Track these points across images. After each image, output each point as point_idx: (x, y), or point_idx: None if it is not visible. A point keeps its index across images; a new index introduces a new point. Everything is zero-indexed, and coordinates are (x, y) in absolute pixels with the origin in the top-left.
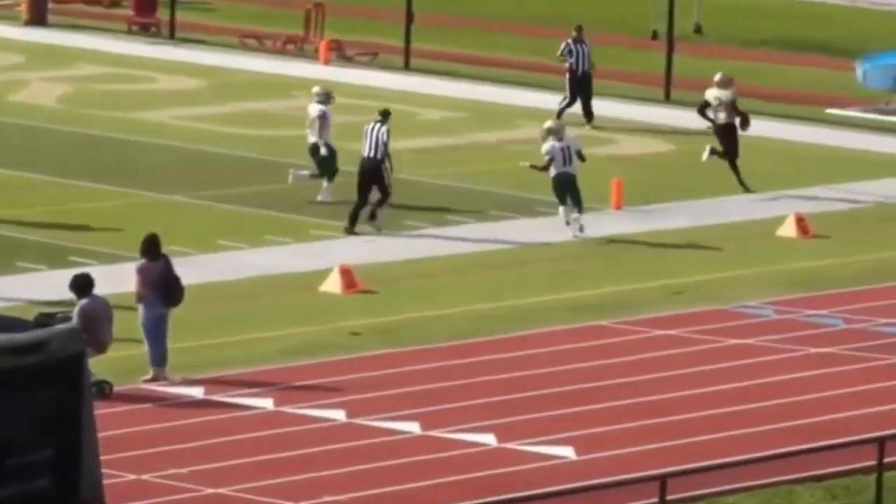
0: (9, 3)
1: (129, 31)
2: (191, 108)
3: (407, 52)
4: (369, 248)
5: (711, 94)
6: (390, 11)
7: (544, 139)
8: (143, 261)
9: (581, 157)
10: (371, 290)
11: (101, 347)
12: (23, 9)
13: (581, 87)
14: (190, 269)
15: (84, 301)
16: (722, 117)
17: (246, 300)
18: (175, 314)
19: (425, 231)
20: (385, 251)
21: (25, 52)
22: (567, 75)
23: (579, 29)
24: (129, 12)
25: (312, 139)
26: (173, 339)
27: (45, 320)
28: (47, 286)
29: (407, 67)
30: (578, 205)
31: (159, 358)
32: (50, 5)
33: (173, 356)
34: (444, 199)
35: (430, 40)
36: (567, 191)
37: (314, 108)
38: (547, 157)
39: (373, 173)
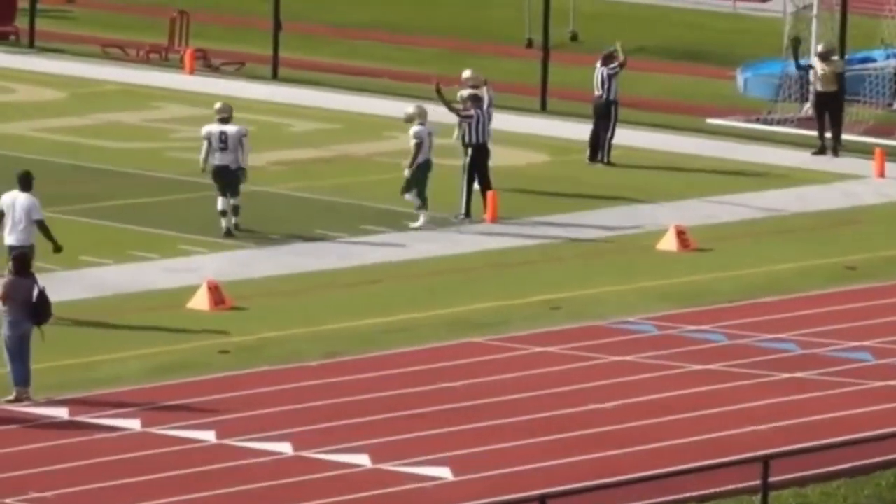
0: None
1: None
2: (52, 120)
3: (275, 62)
4: (238, 264)
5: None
6: (257, 20)
7: (409, 123)
8: (12, 277)
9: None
10: (240, 307)
11: None
12: None
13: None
14: (52, 287)
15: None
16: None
17: (111, 318)
18: (37, 333)
19: (295, 246)
20: (254, 266)
21: None
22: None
23: None
24: None
25: (224, 161)
26: (36, 359)
27: None
28: None
29: (275, 77)
30: (424, 198)
31: (22, 378)
32: None
33: (37, 376)
34: (315, 213)
35: (299, 50)
36: (424, 180)
37: (233, 128)
38: (416, 142)
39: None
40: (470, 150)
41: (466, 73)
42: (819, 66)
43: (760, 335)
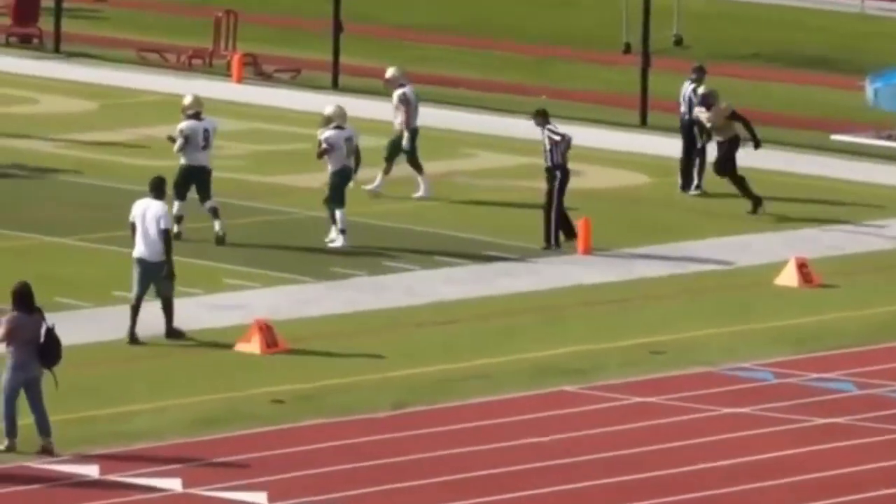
0: None
1: (7, 44)
2: (79, 134)
3: (335, 69)
4: (293, 300)
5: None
6: (315, 21)
7: (325, 125)
8: (15, 314)
9: (357, 157)
10: (296, 350)
11: None
12: None
13: None
14: (82, 325)
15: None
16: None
17: (149, 361)
18: (66, 377)
19: (358, 280)
20: (311, 304)
21: None
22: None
23: None
24: (6, 21)
25: (203, 160)
26: (63, 409)
27: None
28: None
29: (335, 86)
30: (334, 211)
31: (42, 428)
32: None
33: (62, 428)
34: (380, 241)
35: (362, 55)
36: (341, 189)
37: (212, 124)
38: (325, 146)
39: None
40: (558, 174)
41: (392, 72)
42: None
43: (895, 384)
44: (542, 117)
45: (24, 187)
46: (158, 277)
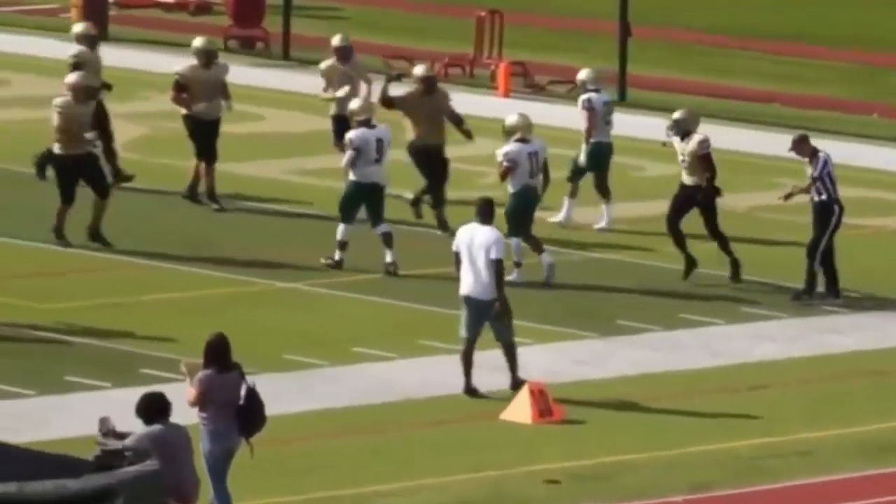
0: (52, 6)
1: (226, 48)
2: (312, 159)
3: (622, 81)
4: (571, 359)
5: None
6: (596, 23)
7: (506, 138)
8: (209, 371)
9: (546, 176)
10: (573, 420)
11: (184, 498)
12: (73, 16)
13: None
14: (315, 387)
15: (156, 429)
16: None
17: (397, 432)
18: (293, 449)
19: (649, 335)
20: (594, 363)
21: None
22: None
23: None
24: (226, 22)
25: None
26: (288, 488)
27: (109, 460)
28: (108, 409)
29: (622, 100)
30: (531, 240)
31: None
32: (111, 13)
33: None
34: (676, 290)
35: (651, 63)
36: (525, 216)
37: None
38: (506, 164)
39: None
40: (836, 208)
41: (584, 74)
42: None
43: None
44: (804, 144)
45: (246, 221)
46: (491, 318)
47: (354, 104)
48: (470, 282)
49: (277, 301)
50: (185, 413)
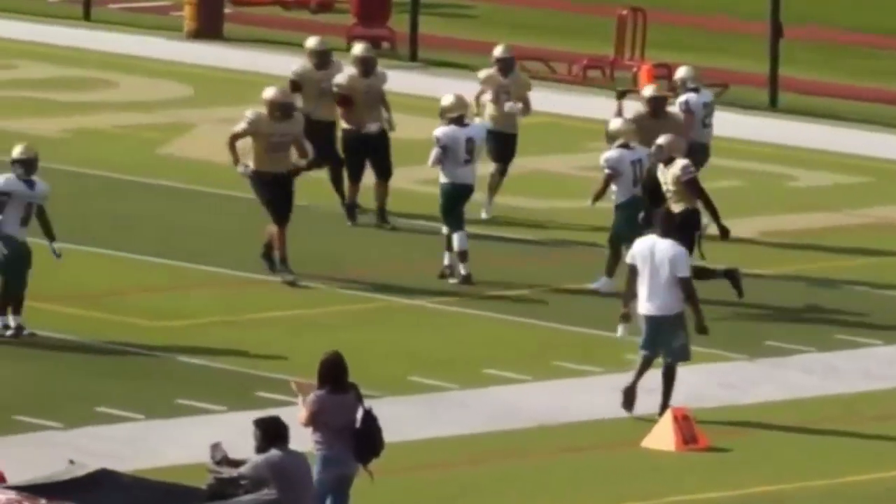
0: (163, 2)
1: (348, 49)
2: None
3: (773, 84)
4: (719, 382)
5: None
6: (745, 23)
7: (609, 143)
8: (322, 392)
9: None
10: (721, 448)
11: None
12: (186, 14)
13: None
14: (443, 411)
15: (275, 456)
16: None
17: (532, 460)
18: (402, 480)
19: (804, 357)
20: (743, 387)
21: (190, 81)
22: None
23: None
24: (349, 20)
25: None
26: None
27: (223, 488)
28: (221, 434)
29: (773, 105)
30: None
31: None
32: (226, 10)
33: None
34: (834, 309)
35: (805, 65)
36: (630, 225)
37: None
38: (607, 171)
39: None
40: None
41: (683, 72)
42: None
43: None
44: None
45: (365, 234)
46: (668, 338)
47: (447, 100)
48: (649, 298)
49: (400, 319)
50: (303, 439)
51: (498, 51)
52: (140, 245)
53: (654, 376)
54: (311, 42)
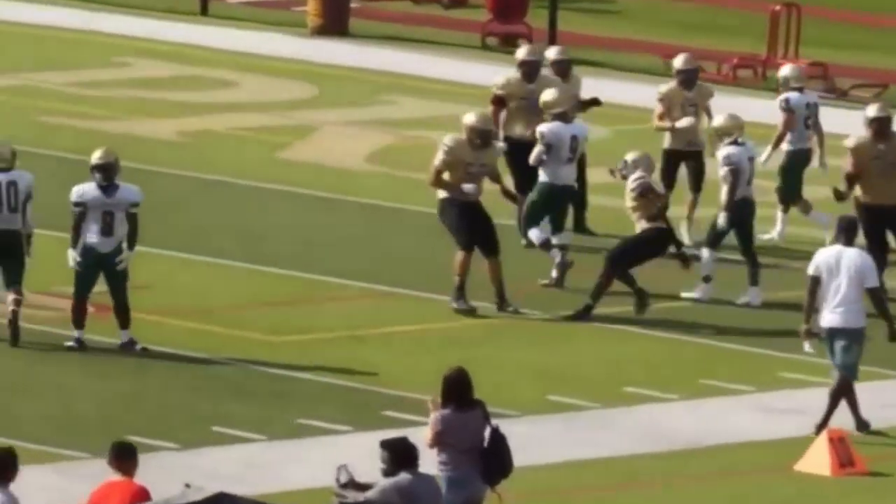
0: None
1: (483, 46)
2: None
3: None
4: (873, 402)
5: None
6: None
7: (717, 142)
8: (446, 410)
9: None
10: (880, 473)
11: None
12: (309, 9)
13: None
14: (583, 432)
15: (404, 480)
16: None
17: (679, 485)
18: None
19: None
20: None
21: (314, 80)
22: None
23: None
24: (484, 16)
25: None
26: None
27: None
28: (346, 456)
29: None
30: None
31: None
32: (353, 5)
33: None
34: None
35: None
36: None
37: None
38: (727, 169)
39: None
40: None
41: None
42: None
43: None
44: None
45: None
46: (842, 353)
47: (549, 95)
48: (834, 310)
49: (532, 334)
50: (431, 461)
51: (679, 62)
52: (261, 255)
53: (803, 395)
54: (552, 53)
